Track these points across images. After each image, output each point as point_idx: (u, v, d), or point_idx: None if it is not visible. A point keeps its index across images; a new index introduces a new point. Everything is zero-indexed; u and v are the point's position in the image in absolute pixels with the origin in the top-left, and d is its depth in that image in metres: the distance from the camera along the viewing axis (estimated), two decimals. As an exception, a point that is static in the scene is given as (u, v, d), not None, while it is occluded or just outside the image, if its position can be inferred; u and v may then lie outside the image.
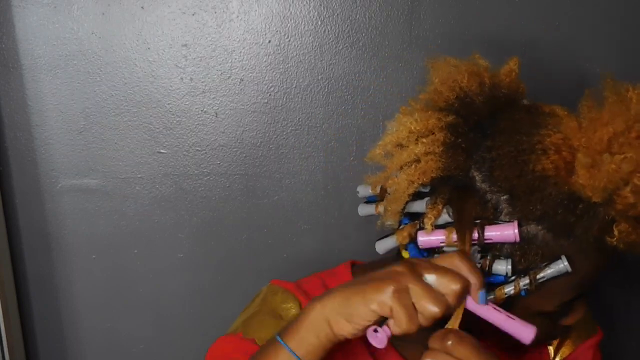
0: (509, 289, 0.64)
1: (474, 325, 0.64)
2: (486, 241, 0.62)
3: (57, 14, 0.98)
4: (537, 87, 0.76)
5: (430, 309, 0.56)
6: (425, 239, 0.65)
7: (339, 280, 0.77)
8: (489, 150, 0.64)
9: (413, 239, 0.67)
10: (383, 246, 0.70)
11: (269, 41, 1.01)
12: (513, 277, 0.64)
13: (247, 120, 1.04)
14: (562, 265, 0.62)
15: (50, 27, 0.99)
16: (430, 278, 0.58)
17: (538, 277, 0.63)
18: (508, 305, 0.65)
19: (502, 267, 0.63)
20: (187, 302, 1.11)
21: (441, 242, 0.64)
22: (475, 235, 0.62)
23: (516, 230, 0.61)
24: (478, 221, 0.63)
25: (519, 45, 1.01)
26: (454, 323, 0.62)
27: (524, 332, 0.61)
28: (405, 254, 0.68)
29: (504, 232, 0.61)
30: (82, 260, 1.09)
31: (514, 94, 0.68)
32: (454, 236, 0.63)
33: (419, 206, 0.67)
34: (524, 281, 0.63)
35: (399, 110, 0.69)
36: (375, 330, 0.58)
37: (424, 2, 1.00)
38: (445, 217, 0.65)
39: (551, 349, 0.83)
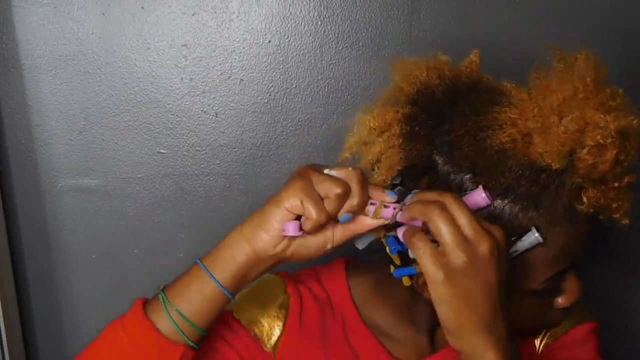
0: None
1: None
2: None
3: (57, 14, 0.98)
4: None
5: (333, 190, 0.58)
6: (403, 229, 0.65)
7: (332, 272, 0.78)
8: (447, 133, 0.65)
9: (391, 231, 0.67)
10: (363, 241, 0.69)
11: (269, 41, 1.01)
12: None
13: (247, 120, 1.04)
14: (533, 236, 0.62)
15: (50, 27, 0.99)
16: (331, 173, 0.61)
17: (511, 250, 0.63)
18: None
19: None
20: (187, 302, 1.11)
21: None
22: None
23: (484, 194, 0.61)
24: None
25: (518, 45, 1.01)
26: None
27: (474, 196, 0.61)
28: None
29: (473, 198, 0.62)
30: (82, 260, 1.09)
31: (474, 84, 0.69)
32: None
33: None
34: None
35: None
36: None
37: (424, 2, 1.00)
38: None
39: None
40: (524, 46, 1.01)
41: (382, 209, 0.63)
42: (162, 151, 1.05)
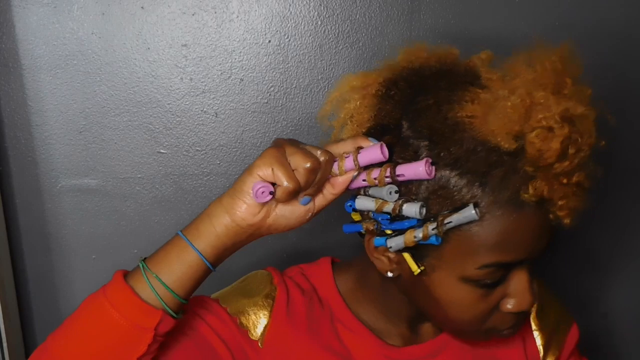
0: (418, 233, 0.64)
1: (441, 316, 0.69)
2: (398, 177, 0.64)
3: (57, 14, 0.99)
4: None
5: (302, 163, 0.61)
6: (356, 181, 0.67)
7: (318, 269, 0.79)
8: (419, 102, 0.67)
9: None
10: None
11: (269, 41, 1.01)
12: (424, 223, 0.65)
13: (247, 120, 1.04)
14: (469, 212, 0.62)
15: (50, 27, 0.99)
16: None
17: (445, 221, 0.63)
18: (427, 256, 0.67)
19: (412, 208, 0.64)
20: (187, 302, 1.11)
21: (363, 180, 0.65)
22: (388, 172, 0.64)
23: (426, 166, 0.62)
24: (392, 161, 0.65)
25: (518, 45, 1.01)
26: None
27: (417, 168, 0.63)
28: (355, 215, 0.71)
29: (415, 168, 0.63)
30: (82, 260, 1.09)
31: (470, 78, 0.69)
32: (373, 173, 0.65)
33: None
34: (432, 225, 0.63)
35: None
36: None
37: (424, 2, 1.00)
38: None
39: (540, 346, 0.82)
40: (524, 46, 1.02)
41: (344, 161, 0.64)
42: (162, 151, 1.05)
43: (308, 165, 0.61)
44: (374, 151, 0.64)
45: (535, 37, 0.66)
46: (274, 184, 0.62)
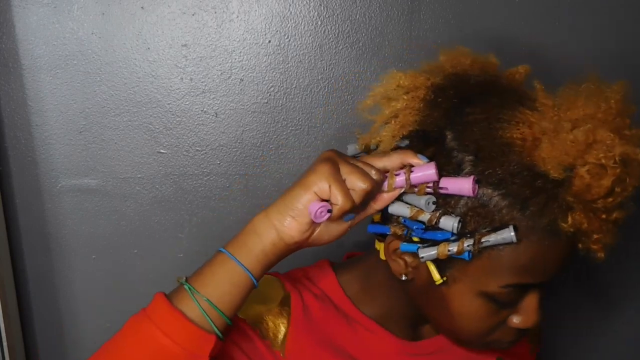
0: (452, 247, 0.64)
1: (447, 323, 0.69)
2: (441, 190, 0.64)
3: (57, 14, 0.98)
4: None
5: (360, 184, 0.61)
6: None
7: (320, 271, 0.79)
8: (467, 114, 0.66)
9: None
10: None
11: (269, 41, 1.01)
12: (459, 238, 0.65)
13: (247, 120, 1.04)
14: (508, 234, 0.62)
15: (50, 27, 0.99)
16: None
17: (483, 239, 0.63)
18: (451, 268, 0.66)
19: (449, 222, 0.64)
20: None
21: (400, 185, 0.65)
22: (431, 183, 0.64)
23: (472, 185, 0.62)
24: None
25: (518, 45, 1.01)
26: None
27: (462, 184, 0.63)
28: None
29: (461, 184, 0.63)
30: (82, 260, 1.09)
31: (518, 96, 0.69)
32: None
33: None
34: (469, 242, 0.63)
35: None
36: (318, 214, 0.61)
37: (424, 2, 1.00)
38: None
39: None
40: (524, 46, 1.02)
41: (394, 178, 0.64)
42: (162, 151, 1.05)
43: (366, 186, 0.61)
44: (427, 172, 0.63)
45: (588, 66, 0.67)
46: (326, 201, 0.61)
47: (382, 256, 0.71)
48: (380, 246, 0.72)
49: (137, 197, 1.07)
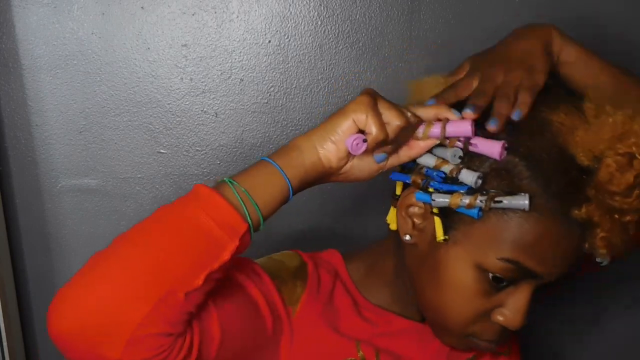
0: (465, 200, 0.65)
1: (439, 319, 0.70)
2: (470, 146, 0.65)
3: (57, 14, 0.99)
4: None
5: (395, 120, 0.63)
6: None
7: (331, 259, 0.80)
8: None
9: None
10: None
11: (269, 41, 1.01)
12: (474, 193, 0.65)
13: (247, 120, 1.04)
14: (523, 201, 0.63)
15: (50, 27, 0.99)
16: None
17: (496, 199, 0.64)
18: (456, 230, 0.67)
19: (469, 176, 0.65)
20: (187, 302, 1.11)
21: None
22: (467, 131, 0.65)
23: (501, 149, 0.63)
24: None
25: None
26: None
27: (492, 146, 0.64)
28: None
29: (490, 146, 0.64)
30: (82, 260, 1.07)
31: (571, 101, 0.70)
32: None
33: None
34: (482, 198, 0.64)
35: None
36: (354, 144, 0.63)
37: (424, 2, 1.00)
38: None
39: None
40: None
41: (431, 127, 0.65)
42: (162, 151, 1.05)
43: (400, 122, 0.63)
44: (464, 127, 0.65)
45: None
46: (362, 132, 0.63)
47: (393, 226, 0.72)
48: (392, 214, 0.72)
49: (137, 197, 1.07)
